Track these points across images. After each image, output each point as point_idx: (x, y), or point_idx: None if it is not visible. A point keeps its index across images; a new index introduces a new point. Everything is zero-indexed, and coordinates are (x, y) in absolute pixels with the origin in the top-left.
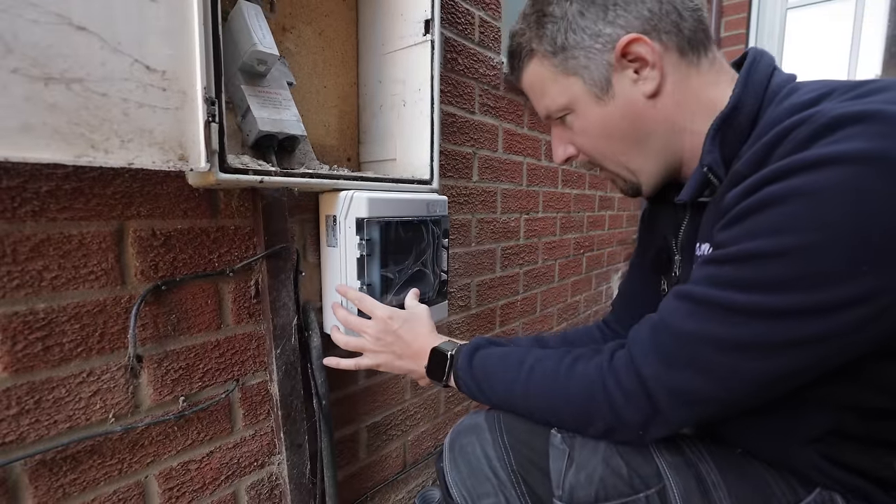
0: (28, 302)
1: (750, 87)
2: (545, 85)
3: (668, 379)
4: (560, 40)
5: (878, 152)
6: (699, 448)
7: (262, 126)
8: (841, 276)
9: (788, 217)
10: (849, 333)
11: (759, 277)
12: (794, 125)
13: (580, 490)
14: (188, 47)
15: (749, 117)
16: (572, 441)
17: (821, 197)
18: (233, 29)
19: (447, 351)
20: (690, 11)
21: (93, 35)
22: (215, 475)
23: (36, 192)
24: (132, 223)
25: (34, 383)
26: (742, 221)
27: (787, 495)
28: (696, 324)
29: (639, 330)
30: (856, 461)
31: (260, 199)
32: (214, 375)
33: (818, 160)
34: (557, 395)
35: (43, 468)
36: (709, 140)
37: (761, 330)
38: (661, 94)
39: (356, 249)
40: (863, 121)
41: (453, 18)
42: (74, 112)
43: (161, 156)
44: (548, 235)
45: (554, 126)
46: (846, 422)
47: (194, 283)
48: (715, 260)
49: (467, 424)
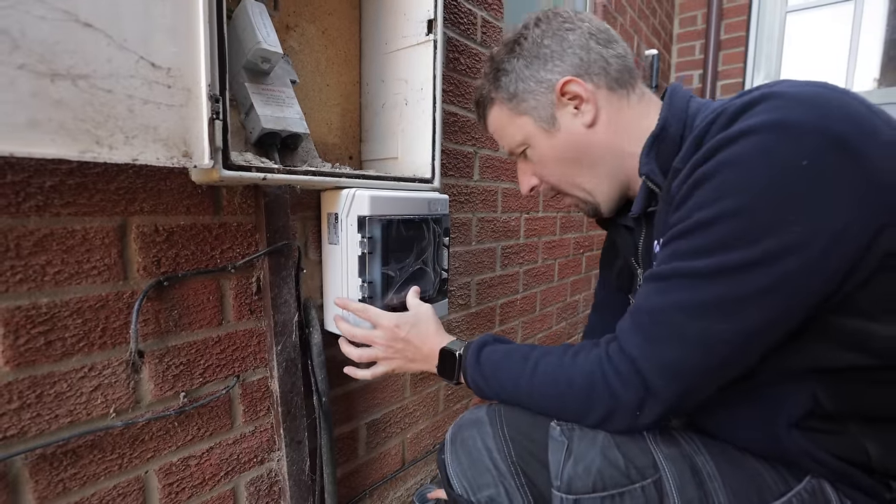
0: (31, 296)
1: (673, 110)
2: (504, 126)
3: (653, 354)
4: (512, 88)
5: (778, 121)
6: (695, 441)
7: (266, 123)
8: (772, 227)
9: (723, 184)
10: (795, 282)
11: (710, 242)
12: (716, 116)
13: (578, 481)
14: (193, 45)
15: (677, 132)
16: (571, 433)
17: (742, 163)
18: (237, 27)
19: (455, 351)
20: (615, 58)
21: (99, 32)
22: (215, 471)
23: (40, 187)
24: (135, 219)
25: (36, 378)
26: (687, 201)
27: (778, 485)
28: (665, 297)
29: (622, 320)
30: (835, 445)
31: (262, 196)
32: (215, 371)
33: (737, 134)
34: (561, 384)
35: (43, 462)
36: (644, 154)
37: (721, 289)
38: (597, 123)
39: (358, 247)
40: (765, 100)
41: (456, 18)
42: (80, 108)
43: (165, 152)
44: (548, 235)
45: (519, 161)
46: (820, 397)
47: (196, 279)
48: (671, 238)
49: (469, 418)
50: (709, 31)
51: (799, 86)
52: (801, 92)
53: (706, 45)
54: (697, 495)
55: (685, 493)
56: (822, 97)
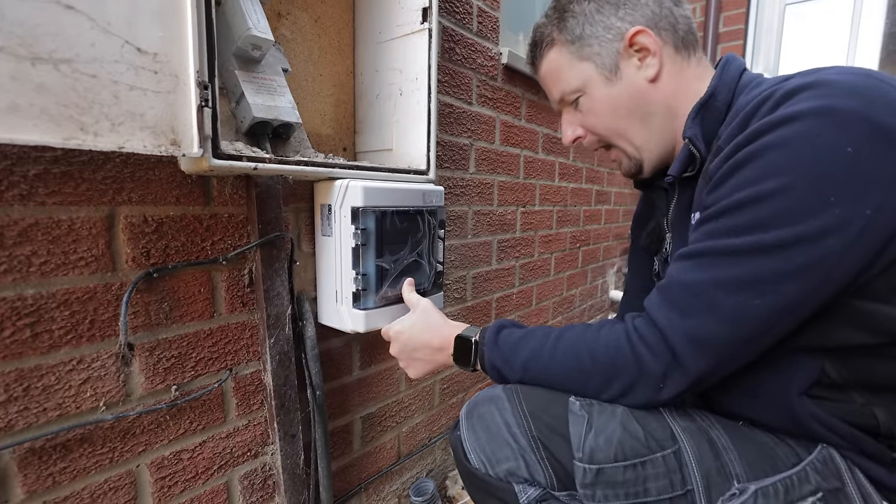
0: (16, 288)
1: (724, 80)
2: (561, 70)
3: (683, 325)
4: (578, 31)
5: (825, 108)
6: (708, 417)
7: (257, 112)
8: (813, 208)
9: (767, 166)
10: (831, 262)
11: (749, 221)
12: (763, 100)
13: (599, 452)
14: (181, 29)
15: (724, 103)
16: (590, 408)
17: (788, 146)
18: (227, 13)
19: (471, 336)
20: (683, 18)
21: (81, 14)
22: (208, 465)
23: (24, 176)
24: (123, 209)
25: (23, 370)
26: (727, 180)
27: (790, 457)
28: (702, 272)
29: (650, 296)
30: (844, 411)
31: (254, 186)
32: (207, 364)
33: (782, 119)
34: (584, 354)
35: (32, 456)
36: (689, 119)
37: (758, 267)
38: (659, 79)
39: (351, 239)
40: (812, 87)
41: (451, 7)
42: (63, 93)
43: (153, 140)
44: (544, 229)
45: (565, 112)
46: (828, 369)
47: (187, 270)
48: (708, 217)
49: (485, 395)
50: (707, 23)
51: (846, 73)
52: (848, 81)
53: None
54: (715, 465)
55: (703, 463)
56: (867, 87)
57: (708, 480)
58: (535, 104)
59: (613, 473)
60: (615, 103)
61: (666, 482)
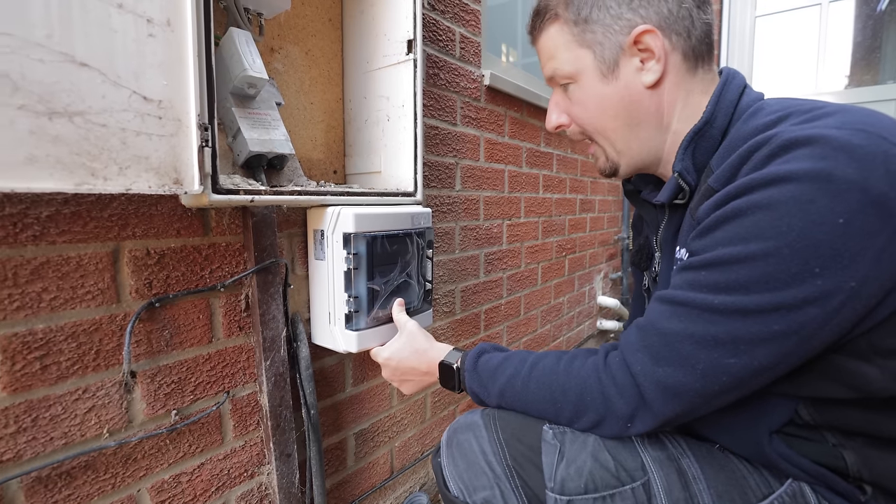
0: (27, 323)
1: (721, 105)
2: (558, 51)
3: (655, 373)
4: (584, 13)
5: (821, 172)
6: (681, 444)
7: (253, 147)
8: (796, 277)
9: (753, 226)
10: (809, 330)
11: (730, 281)
12: (755, 146)
13: (570, 482)
14: (183, 77)
15: (720, 130)
16: (563, 437)
17: (776, 209)
18: (224, 54)
19: (453, 363)
20: (702, 24)
21: (94, 70)
22: (206, 486)
23: (37, 218)
24: (127, 243)
25: (32, 402)
26: (713, 231)
27: (761, 488)
28: (679, 323)
29: (628, 333)
30: (813, 452)
31: (250, 216)
32: (206, 388)
33: (773, 178)
34: (556, 387)
35: (39, 485)
36: (681, 150)
37: (735, 328)
38: (658, 87)
39: (343, 263)
40: (810, 144)
41: (435, 36)
42: (76, 143)
43: (157, 180)
44: (530, 240)
45: (555, 92)
46: (801, 412)
47: (187, 298)
48: (691, 266)
49: (464, 422)
50: None
51: (848, 129)
52: (848, 141)
53: None
54: (684, 496)
55: (672, 495)
56: (868, 150)
57: None
58: (518, 121)
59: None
60: (604, 103)
61: None
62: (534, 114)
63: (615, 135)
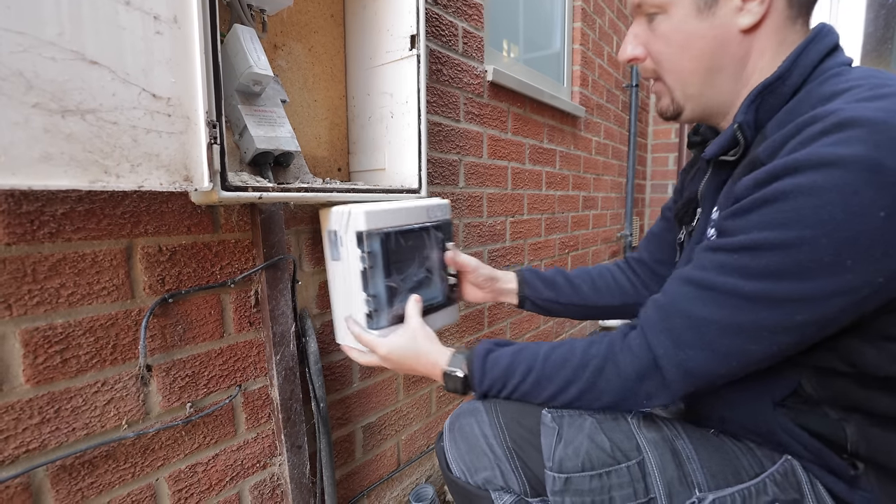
0: (47, 318)
1: (801, 61)
2: None
3: (677, 356)
4: None
5: (872, 160)
6: (676, 427)
7: (259, 144)
8: (828, 268)
9: (791, 212)
10: (829, 319)
11: (763, 267)
12: (809, 121)
13: (568, 461)
14: (191, 75)
15: (791, 88)
16: (561, 420)
17: (820, 196)
18: (229, 52)
19: (455, 372)
20: None
21: (104, 68)
22: (221, 476)
23: (52, 215)
24: (140, 240)
25: (54, 394)
26: (751, 213)
27: (753, 467)
28: (706, 308)
29: (648, 313)
30: (814, 423)
31: (258, 213)
32: (218, 382)
33: (821, 161)
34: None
35: (63, 473)
36: (746, 102)
37: (761, 316)
38: (753, 33)
39: (359, 262)
40: (865, 126)
41: (438, 31)
42: (89, 140)
43: (168, 178)
44: (533, 237)
45: (636, 22)
46: (804, 384)
47: (198, 294)
48: (722, 248)
49: (466, 408)
50: None
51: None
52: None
53: None
54: (677, 474)
55: (666, 473)
56: None
57: (670, 489)
58: (521, 117)
59: (580, 482)
60: (691, 41)
61: (630, 491)
62: (537, 110)
63: (691, 77)
